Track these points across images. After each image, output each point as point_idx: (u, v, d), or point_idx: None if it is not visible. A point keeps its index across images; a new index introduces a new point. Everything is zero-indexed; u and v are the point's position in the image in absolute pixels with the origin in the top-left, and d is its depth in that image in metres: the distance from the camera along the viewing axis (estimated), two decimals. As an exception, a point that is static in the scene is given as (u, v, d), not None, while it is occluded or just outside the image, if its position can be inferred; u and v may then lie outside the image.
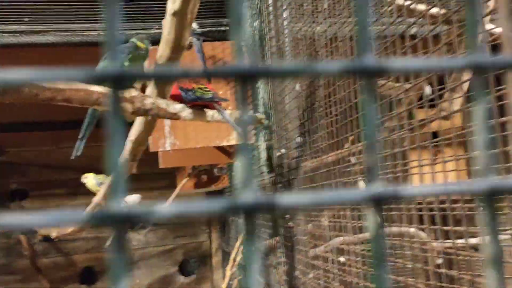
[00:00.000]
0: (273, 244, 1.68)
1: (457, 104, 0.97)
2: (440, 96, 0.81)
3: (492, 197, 0.13)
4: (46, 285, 2.70)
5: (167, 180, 2.94)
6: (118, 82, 0.14)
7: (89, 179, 1.77)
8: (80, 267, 2.93)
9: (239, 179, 0.15)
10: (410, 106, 0.86)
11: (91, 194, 1.94)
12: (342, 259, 1.00)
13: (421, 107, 0.85)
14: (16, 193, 2.93)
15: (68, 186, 2.92)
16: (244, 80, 0.15)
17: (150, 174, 3.09)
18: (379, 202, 0.13)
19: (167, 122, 1.68)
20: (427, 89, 0.66)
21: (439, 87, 0.73)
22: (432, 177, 0.80)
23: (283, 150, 1.42)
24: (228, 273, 1.99)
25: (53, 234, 2.06)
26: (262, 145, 1.69)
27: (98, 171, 2.02)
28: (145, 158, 2.04)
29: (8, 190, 2.94)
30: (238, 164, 0.15)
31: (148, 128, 1.29)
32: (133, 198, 2.06)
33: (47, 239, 2.72)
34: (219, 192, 2.98)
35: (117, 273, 0.14)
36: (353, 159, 1.00)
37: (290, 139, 1.35)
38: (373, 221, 0.14)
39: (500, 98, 0.63)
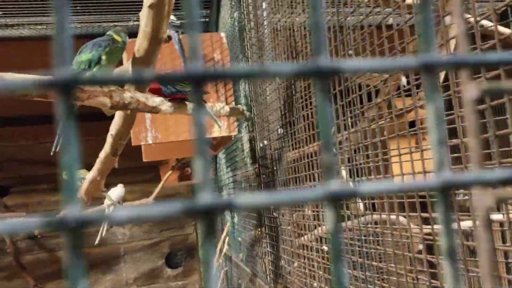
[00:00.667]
0: (258, 235, 1.69)
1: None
2: (417, 86, 0.82)
3: (446, 192, 0.13)
4: (31, 282, 2.67)
5: (151, 174, 2.93)
6: (68, 88, 0.14)
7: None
8: (64, 263, 2.90)
9: (197, 180, 0.15)
10: (388, 96, 0.87)
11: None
12: (325, 247, 1.01)
13: (399, 97, 0.85)
14: (-4, 190, 2.88)
15: (50, 182, 2.88)
16: (197, 83, 0.15)
17: (134, 168, 3.07)
18: (336, 200, 0.14)
19: (148, 115, 1.67)
20: (403, 80, 0.67)
21: (416, 77, 0.74)
22: (412, 165, 0.81)
23: (265, 142, 1.42)
24: (214, 264, 2.00)
25: (36, 231, 2.03)
26: (245, 136, 1.69)
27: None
28: (129, 151, 2.02)
29: (-12, 187, 2.88)
30: (196, 165, 0.15)
31: (128, 122, 1.27)
32: (117, 191, 2.04)
33: (30, 236, 2.69)
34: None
35: (74, 279, 0.14)
36: (333, 149, 1.01)
37: (272, 131, 1.35)
38: (331, 218, 0.14)
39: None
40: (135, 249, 3.04)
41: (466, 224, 0.98)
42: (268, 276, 1.47)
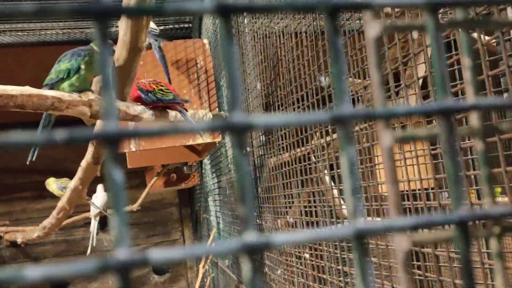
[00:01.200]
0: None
1: (412, 100, 0.99)
2: (397, 93, 0.83)
3: (360, 239, 0.14)
4: (15, 292, 2.63)
5: (137, 180, 2.91)
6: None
7: (50, 184, 1.73)
8: (50, 271, 2.87)
9: (113, 234, 0.15)
10: (370, 102, 0.88)
11: (57, 198, 1.89)
12: (306, 255, 1.02)
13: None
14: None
15: (33, 189, 2.85)
16: (112, 143, 0.15)
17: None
18: (252, 252, 0.14)
19: (131, 123, 1.66)
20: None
21: (395, 84, 0.75)
22: (397, 172, 0.82)
23: (248, 148, 1.42)
24: (201, 271, 1.99)
25: (19, 240, 2.00)
26: (229, 143, 1.69)
27: (60, 174, 1.98)
28: None
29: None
30: (112, 220, 0.15)
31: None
32: (101, 199, 2.02)
33: (14, 244, 2.65)
34: (190, 190, 2.97)
35: None
36: (313, 157, 1.02)
37: (254, 137, 1.36)
38: (247, 269, 0.14)
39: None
40: (121, 256, 3.01)
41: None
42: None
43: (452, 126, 0.13)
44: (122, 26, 1.07)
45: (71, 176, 1.65)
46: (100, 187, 1.99)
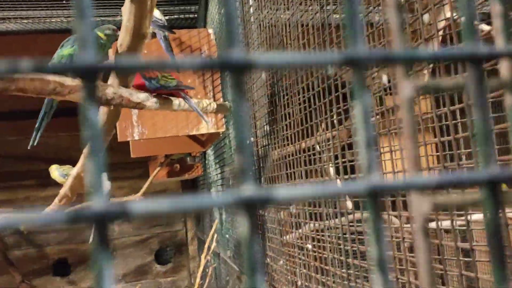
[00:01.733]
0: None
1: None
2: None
3: (374, 197, 0.12)
4: (18, 278, 2.65)
5: (140, 169, 2.90)
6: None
7: (53, 171, 1.72)
8: (53, 259, 2.88)
9: (88, 183, 0.14)
10: (378, 92, 0.86)
11: (60, 186, 1.89)
12: (309, 246, 1.01)
13: (391, 94, 0.85)
14: (-18, 186, 2.84)
15: (36, 177, 2.85)
16: (88, 75, 0.13)
17: (123, 163, 3.04)
18: (250, 206, 0.12)
19: (135, 111, 1.65)
20: (384, 78, 0.66)
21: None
22: (402, 163, 0.81)
23: (252, 139, 1.41)
24: (203, 261, 1.99)
25: (22, 226, 2.00)
26: (233, 133, 1.68)
27: (64, 162, 1.97)
28: (118, 147, 1.99)
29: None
30: (89, 166, 0.14)
31: (112, 119, 1.25)
32: (105, 184, 2.01)
33: (17, 231, 2.66)
34: (193, 180, 2.97)
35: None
36: (317, 147, 1.00)
37: (258, 127, 1.34)
38: (245, 225, 0.13)
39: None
40: (124, 245, 3.02)
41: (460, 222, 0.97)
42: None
43: (481, 75, 0.12)
44: (126, 12, 1.06)
45: (75, 164, 1.65)
46: (103, 176, 1.98)
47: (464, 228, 0.60)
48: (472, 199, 0.13)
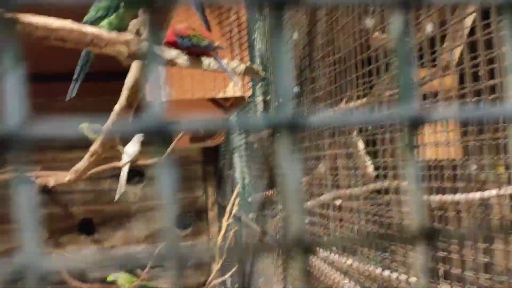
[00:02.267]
0: (269, 195, 1.71)
1: (456, 54, 0.96)
2: (433, 54, 0.79)
3: (413, 127, 0.13)
4: (45, 235, 2.75)
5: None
6: None
7: (84, 128, 1.77)
8: (78, 218, 2.98)
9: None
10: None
11: (87, 148, 1.93)
12: (338, 202, 1.02)
13: (422, 66, 0.83)
14: (12, 146, 2.93)
15: (63, 140, 2.92)
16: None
17: (146, 129, 3.07)
18: (293, 126, 0.13)
19: (163, 72, 1.66)
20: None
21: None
22: (434, 138, 0.80)
23: (280, 100, 1.41)
24: (224, 224, 2.04)
25: (51, 183, 2.08)
26: (259, 97, 1.68)
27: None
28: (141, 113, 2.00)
29: (3, 142, 2.93)
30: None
31: (145, 74, 1.27)
32: (133, 148, 2.06)
33: (45, 189, 2.75)
34: (214, 148, 3.00)
35: None
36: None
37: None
38: (283, 146, 0.13)
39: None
40: (146, 209, 3.10)
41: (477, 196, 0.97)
42: (278, 234, 1.50)
43: None
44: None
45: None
46: (136, 137, 2.02)
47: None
48: None
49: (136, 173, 3.16)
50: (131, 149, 2.02)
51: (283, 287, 1.54)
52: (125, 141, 2.08)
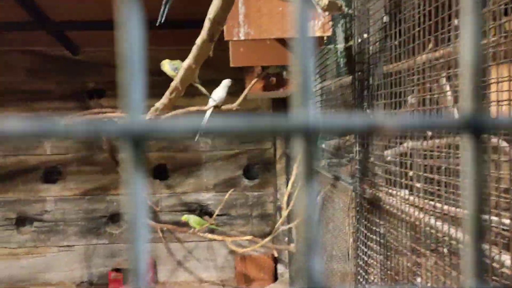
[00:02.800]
0: (344, 141, 1.67)
1: None
2: None
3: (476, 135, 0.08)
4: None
5: (235, 86, 2.96)
6: None
7: (164, 65, 1.81)
8: (154, 163, 3.13)
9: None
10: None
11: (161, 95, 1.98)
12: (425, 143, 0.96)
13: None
14: (94, 92, 3.10)
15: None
16: None
17: (218, 81, 3.12)
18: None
19: (242, 10, 1.64)
20: None
21: None
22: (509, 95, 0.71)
23: (364, 35, 1.34)
24: (295, 170, 2.03)
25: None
26: (340, 35, 1.61)
27: (163, 74, 2.06)
28: (214, 63, 2.01)
29: (86, 88, 3.12)
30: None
31: (227, 6, 1.25)
32: (219, 93, 2.09)
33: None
34: (284, 100, 2.96)
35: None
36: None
37: (374, 21, 1.26)
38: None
39: None
40: (215, 158, 3.18)
41: None
42: (354, 176, 1.46)
43: None
44: None
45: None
46: (224, 82, 2.06)
47: None
48: None
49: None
50: (218, 93, 2.06)
51: (353, 239, 1.51)
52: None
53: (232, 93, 2.99)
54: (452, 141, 0.92)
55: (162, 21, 1.11)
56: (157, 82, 2.64)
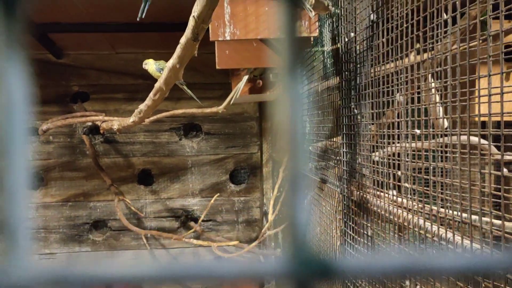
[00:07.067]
0: (332, 144, 1.65)
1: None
2: None
3: None
4: (108, 182, 2.87)
5: (221, 91, 2.93)
6: None
7: (150, 65, 1.77)
8: (138, 169, 3.07)
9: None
10: (481, 17, 0.75)
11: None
12: (417, 131, 0.94)
13: (497, 18, 0.72)
14: (78, 95, 3.04)
15: (126, 91, 2.99)
16: None
17: (204, 84, 3.08)
18: None
19: (227, 10, 1.61)
20: None
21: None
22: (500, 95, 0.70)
23: (351, 34, 1.32)
24: (281, 174, 2.01)
25: (115, 126, 2.13)
26: (327, 35, 1.59)
27: (151, 78, 2.03)
28: (200, 67, 1.99)
29: (71, 92, 3.05)
30: None
31: (212, 4, 1.22)
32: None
33: (108, 139, 2.85)
34: (271, 104, 2.95)
35: None
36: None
37: (361, 19, 1.25)
38: None
39: None
40: (201, 163, 3.13)
41: None
42: (341, 179, 1.44)
43: None
44: None
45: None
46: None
47: None
48: None
49: (193, 127, 3.19)
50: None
51: (341, 242, 1.49)
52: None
53: (218, 97, 2.96)
54: (442, 142, 0.90)
55: (143, 17, 1.08)
56: (146, 86, 2.57)
